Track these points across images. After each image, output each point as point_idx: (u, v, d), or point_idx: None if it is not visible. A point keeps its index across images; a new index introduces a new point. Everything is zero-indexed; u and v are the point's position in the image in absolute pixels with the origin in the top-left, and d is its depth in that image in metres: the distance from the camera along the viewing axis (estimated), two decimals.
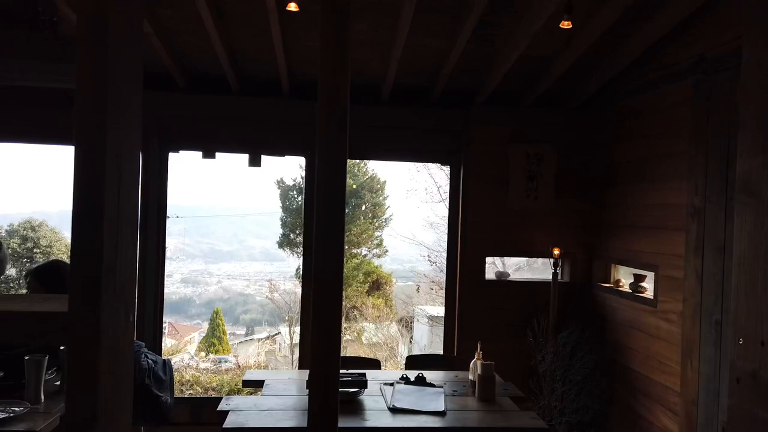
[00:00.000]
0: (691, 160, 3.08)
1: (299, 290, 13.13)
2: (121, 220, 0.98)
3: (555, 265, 4.04)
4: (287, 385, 3.09)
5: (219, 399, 5.15)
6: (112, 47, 0.92)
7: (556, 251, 4.01)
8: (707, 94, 2.99)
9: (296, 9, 2.78)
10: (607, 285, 4.09)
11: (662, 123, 3.46)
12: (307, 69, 3.98)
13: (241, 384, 5.84)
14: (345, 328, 11.73)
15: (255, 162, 4.22)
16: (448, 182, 4.51)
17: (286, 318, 13.50)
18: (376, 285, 12.92)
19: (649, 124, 3.60)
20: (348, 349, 10.85)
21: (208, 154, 4.18)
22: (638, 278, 3.69)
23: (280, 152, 4.37)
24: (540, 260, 5.97)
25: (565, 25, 2.83)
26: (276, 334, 14.24)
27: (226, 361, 10.23)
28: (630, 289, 3.76)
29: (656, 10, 3.08)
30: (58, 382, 2.67)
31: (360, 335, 11.76)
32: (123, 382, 1.03)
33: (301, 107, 4.20)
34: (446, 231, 4.49)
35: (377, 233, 13.43)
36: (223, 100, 4.13)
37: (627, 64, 3.63)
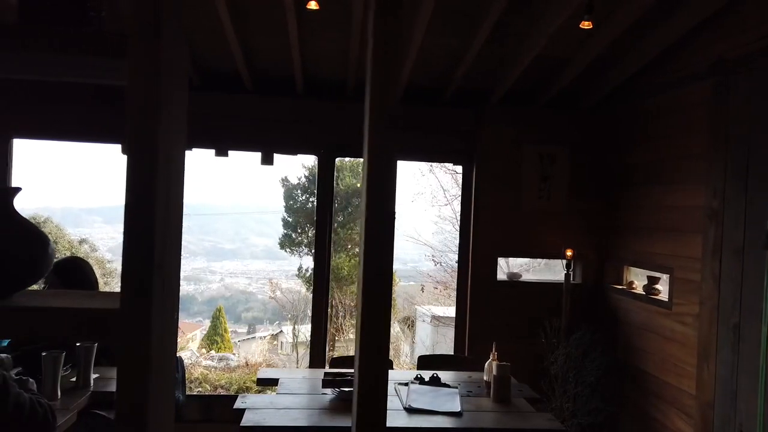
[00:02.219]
0: (709, 161, 3.07)
1: (302, 289, 13.11)
2: (169, 218, 0.98)
3: (567, 266, 4.03)
4: (301, 384, 3.09)
5: (229, 397, 5.15)
6: (165, 47, 0.92)
7: (569, 252, 4.01)
8: (726, 96, 2.98)
9: (317, 7, 2.77)
10: (620, 287, 4.08)
11: (679, 124, 3.45)
12: (322, 68, 3.97)
13: (249, 382, 5.85)
14: (349, 326, 11.74)
15: (267, 160, 4.21)
16: (456, 183, 4.51)
17: (289, 317, 13.49)
18: None
19: (665, 125, 3.59)
20: (351, 349, 10.86)
21: (221, 152, 4.17)
22: (652, 280, 3.68)
23: (293, 151, 4.38)
24: (542, 261, 5.93)
25: (586, 25, 2.82)
26: (278, 333, 14.24)
27: (229, 359, 10.24)
28: (644, 291, 3.75)
29: (674, 12, 3.07)
30: (74, 379, 2.67)
31: None
32: (168, 377, 1.03)
33: (315, 106, 4.21)
34: (451, 232, 4.49)
35: None
36: (236, 98, 4.13)
37: (643, 65, 3.62)
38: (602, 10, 3.05)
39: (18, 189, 0.96)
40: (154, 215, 0.90)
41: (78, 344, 2.62)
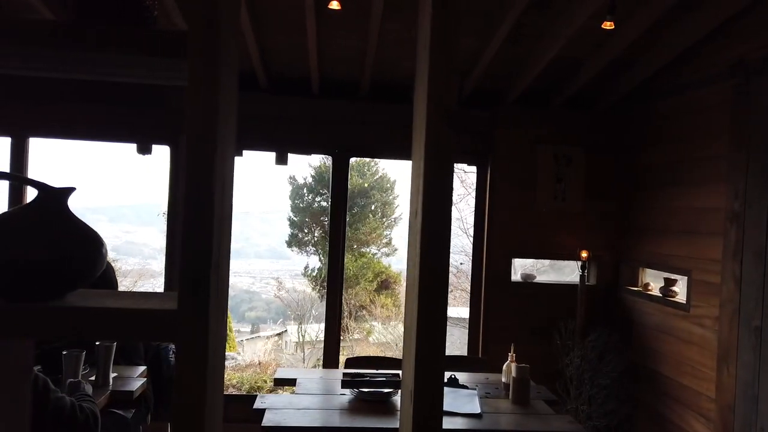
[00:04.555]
0: (730, 163, 3.05)
1: (308, 289, 13.08)
2: (223, 218, 0.97)
3: (582, 267, 4.02)
4: (319, 384, 3.08)
5: (241, 396, 5.14)
6: (224, 44, 0.91)
7: (584, 254, 3.99)
8: (747, 97, 2.97)
9: (338, 7, 2.76)
10: (636, 288, 4.06)
11: (698, 125, 3.44)
12: (337, 68, 3.97)
13: (260, 381, 5.86)
14: (354, 327, 11.74)
15: (282, 160, 4.21)
16: (461, 184, 4.50)
17: (293, 317, 13.47)
18: (385, 284, 12.92)
19: (684, 126, 3.58)
20: (356, 349, 10.85)
21: (236, 151, 4.16)
22: (669, 282, 3.66)
23: (307, 151, 4.37)
24: (548, 262, 5.86)
25: (608, 25, 2.81)
26: (283, 332, 14.24)
27: (234, 359, 10.24)
28: (660, 293, 3.74)
29: (694, 12, 3.06)
30: (93, 377, 2.67)
31: (369, 334, 11.76)
32: (219, 377, 1.03)
33: (330, 106, 4.20)
34: (456, 233, 4.48)
35: (387, 232, 13.43)
36: (251, 98, 4.12)
37: (661, 66, 3.60)
38: (622, 11, 3.04)
39: (72, 189, 0.95)
40: (213, 216, 0.90)
41: (97, 343, 2.62)
